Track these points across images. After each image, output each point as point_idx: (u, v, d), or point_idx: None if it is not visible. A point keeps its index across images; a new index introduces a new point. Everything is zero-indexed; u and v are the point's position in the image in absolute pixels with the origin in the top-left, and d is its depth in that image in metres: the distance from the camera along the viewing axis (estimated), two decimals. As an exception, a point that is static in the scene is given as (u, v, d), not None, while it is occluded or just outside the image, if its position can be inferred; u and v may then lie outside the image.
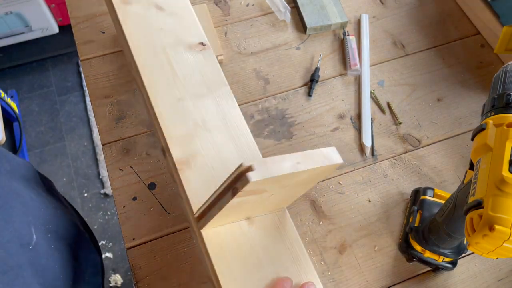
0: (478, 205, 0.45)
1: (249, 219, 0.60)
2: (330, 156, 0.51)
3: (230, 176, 0.46)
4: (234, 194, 0.47)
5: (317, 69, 0.83)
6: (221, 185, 0.48)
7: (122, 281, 1.56)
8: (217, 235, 0.57)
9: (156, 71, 0.67)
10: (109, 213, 1.68)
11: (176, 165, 0.59)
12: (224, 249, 0.57)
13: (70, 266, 0.62)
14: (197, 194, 0.56)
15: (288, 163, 0.48)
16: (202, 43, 0.71)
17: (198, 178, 0.57)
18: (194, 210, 0.54)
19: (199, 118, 0.65)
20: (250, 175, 0.44)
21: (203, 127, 0.64)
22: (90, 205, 1.69)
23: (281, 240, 0.60)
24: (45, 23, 1.83)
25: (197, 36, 0.72)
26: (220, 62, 0.84)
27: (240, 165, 0.46)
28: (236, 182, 0.46)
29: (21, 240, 0.53)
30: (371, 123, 0.78)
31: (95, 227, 1.65)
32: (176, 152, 0.60)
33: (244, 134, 0.66)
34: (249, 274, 0.56)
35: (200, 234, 0.55)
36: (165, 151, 0.62)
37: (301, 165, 0.49)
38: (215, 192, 0.49)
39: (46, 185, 0.69)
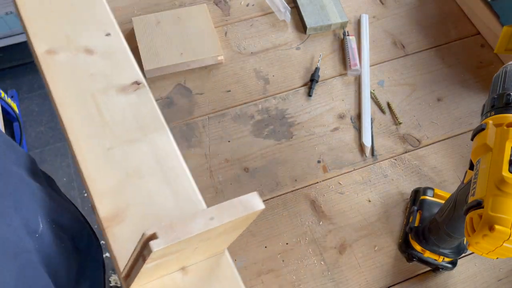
0: (478, 205, 0.45)
1: (184, 269, 0.58)
2: (250, 204, 0.49)
3: (138, 243, 0.45)
4: (144, 261, 0.46)
5: (317, 69, 0.83)
6: (134, 250, 0.47)
7: (122, 281, 1.56)
8: None
9: (83, 122, 0.63)
10: (109, 213, 1.68)
11: (103, 222, 0.57)
12: None
13: (74, 258, 0.63)
14: (127, 251, 0.54)
15: (200, 222, 0.46)
16: (136, 82, 0.68)
17: (128, 233, 0.56)
18: (121, 269, 0.52)
19: (131, 166, 0.62)
20: (153, 244, 0.43)
21: (134, 176, 0.61)
22: (90, 205, 1.69)
23: (220, 286, 0.58)
24: (45, 23, 1.83)
25: (131, 75, 0.69)
26: (220, 62, 0.84)
27: (143, 234, 0.44)
28: (143, 250, 0.45)
29: (28, 228, 0.54)
30: (371, 123, 0.78)
31: (95, 227, 1.65)
32: (103, 209, 0.58)
33: (181, 175, 0.63)
34: None
35: None
36: (92, 208, 0.59)
37: (214, 221, 0.47)
38: (131, 255, 0.48)
39: (48, 181, 0.70)
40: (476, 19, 0.90)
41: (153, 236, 0.44)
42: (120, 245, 0.54)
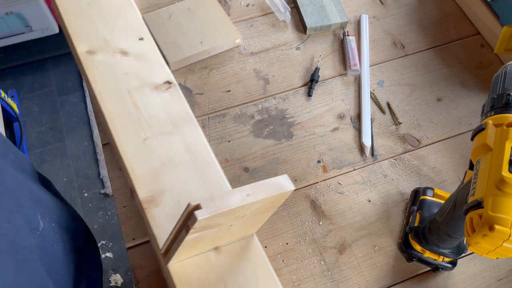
0: (478, 205, 0.45)
1: (217, 248, 0.62)
2: (282, 184, 0.53)
3: (182, 214, 0.49)
4: (187, 232, 0.49)
5: (317, 69, 0.83)
6: (177, 223, 0.50)
7: (122, 281, 1.56)
8: (184, 269, 0.59)
9: (122, 115, 0.68)
10: (109, 213, 1.68)
11: (142, 204, 0.61)
12: (192, 282, 0.58)
13: (73, 257, 0.63)
14: (164, 231, 0.58)
15: (237, 197, 0.50)
16: (168, 82, 0.73)
17: (164, 215, 0.59)
18: (160, 247, 0.56)
19: (165, 156, 0.66)
20: (197, 213, 0.47)
21: (169, 165, 0.65)
22: (90, 205, 1.69)
23: (250, 267, 0.61)
24: (45, 23, 1.83)
25: (163, 76, 0.74)
26: (237, 46, 0.86)
27: (188, 205, 0.48)
28: (188, 220, 0.49)
29: (30, 225, 0.55)
30: (371, 123, 0.79)
31: (95, 227, 1.65)
32: (142, 192, 0.62)
33: (210, 166, 0.67)
34: None
35: (167, 269, 0.57)
36: (132, 191, 0.63)
37: (250, 197, 0.51)
38: (173, 229, 0.52)
39: (44, 183, 0.70)
40: (476, 19, 0.90)
41: (198, 207, 0.48)
42: (158, 225, 0.58)
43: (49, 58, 2.01)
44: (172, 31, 0.84)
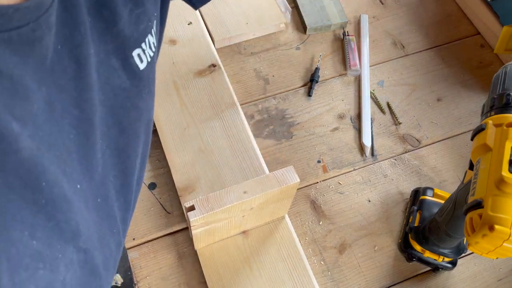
0: (478, 205, 0.45)
1: (245, 232, 0.64)
2: (284, 178, 0.55)
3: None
4: (190, 228, 0.54)
5: (317, 69, 0.83)
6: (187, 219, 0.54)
7: (122, 280, 1.56)
8: (211, 252, 0.62)
9: (166, 108, 0.72)
10: (109, 213, 1.68)
11: (178, 192, 0.65)
12: (217, 264, 0.61)
13: None
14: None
15: (233, 195, 0.53)
16: (213, 65, 0.76)
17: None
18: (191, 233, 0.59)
19: (203, 142, 0.69)
20: (190, 214, 0.51)
21: (206, 151, 0.69)
22: (90, 205, 1.69)
23: (278, 249, 0.63)
24: (45, 23, 1.82)
25: (208, 58, 0.77)
26: (282, 30, 0.88)
27: (184, 206, 0.52)
28: (188, 219, 0.53)
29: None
30: (371, 123, 0.79)
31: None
32: (178, 181, 0.66)
33: (248, 148, 0.69)
34: (240, 286, 0.61)
35: (196, 252, 0.61)
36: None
37: (247, 194, 0.54)
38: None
39: None
40: (476, 19, 0.90)
41: (192, 208, 0.51)
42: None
43: (49, 58, 2.01)
44: (221, 10, 0.86)
